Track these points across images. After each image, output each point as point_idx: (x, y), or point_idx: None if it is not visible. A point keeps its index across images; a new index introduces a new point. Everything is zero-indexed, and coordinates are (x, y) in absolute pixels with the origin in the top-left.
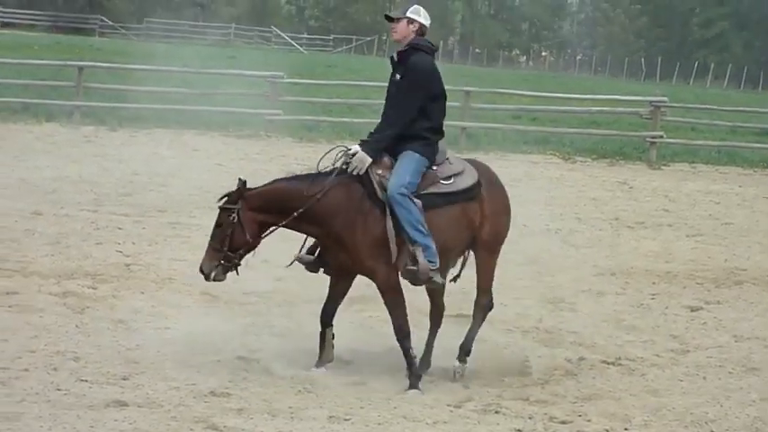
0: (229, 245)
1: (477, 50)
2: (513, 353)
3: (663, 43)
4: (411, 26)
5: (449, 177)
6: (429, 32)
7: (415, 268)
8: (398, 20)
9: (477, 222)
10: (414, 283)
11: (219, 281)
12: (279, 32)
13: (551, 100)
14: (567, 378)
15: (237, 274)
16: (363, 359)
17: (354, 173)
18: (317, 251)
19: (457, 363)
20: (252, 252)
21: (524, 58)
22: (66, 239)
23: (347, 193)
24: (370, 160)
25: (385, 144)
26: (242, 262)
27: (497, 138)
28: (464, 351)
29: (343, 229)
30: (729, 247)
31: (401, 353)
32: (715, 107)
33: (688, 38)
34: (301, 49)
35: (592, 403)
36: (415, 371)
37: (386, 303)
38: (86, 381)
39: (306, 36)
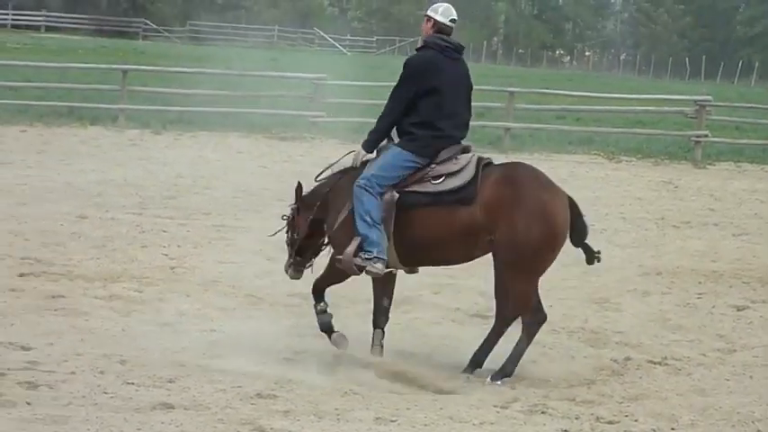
0: (289, 244)
1: (520, 51)
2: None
3: (706, 43)
4: (428, 23)
5: (439, 176)
6: (465, 32)
7: (340, 256)
8: (423, 16)
9: (478, 226)
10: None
11: (295, 279)
12: (322, 34)
13: (595, 100)
14: (614, 378)
15: (312, 272)
16: (410, 360)
17: (354, 166)
18: None
19: (488, 380)
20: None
21: (568, 58)
22: (112, 243)
23: (347, 183)
24: (364, 153)
25: (379, 137)
26: (312, 261)
27: (542, 138)
28: (503, 372)
29: (335, 216)
30: None
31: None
32: (760, 106)
33: (732, 36)
34: (344, 50)
35: (638, 403)
36: (321, 327)
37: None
38: (133, 384)
39: (349, 37)
